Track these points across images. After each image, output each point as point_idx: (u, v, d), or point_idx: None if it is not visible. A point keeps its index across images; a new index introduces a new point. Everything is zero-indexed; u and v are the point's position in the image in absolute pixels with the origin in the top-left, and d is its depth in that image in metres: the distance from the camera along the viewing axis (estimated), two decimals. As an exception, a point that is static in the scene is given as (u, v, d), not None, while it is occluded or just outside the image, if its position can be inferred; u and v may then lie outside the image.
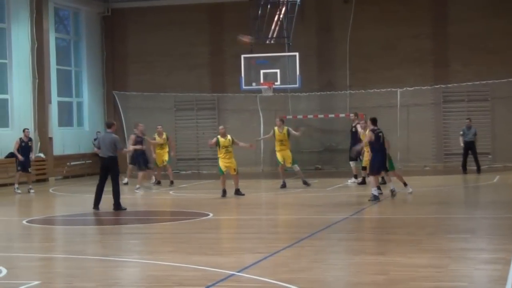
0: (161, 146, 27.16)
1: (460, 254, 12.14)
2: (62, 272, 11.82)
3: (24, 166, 25.91)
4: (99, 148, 20.12)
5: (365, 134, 21.86)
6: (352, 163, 25.94)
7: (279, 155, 25.09)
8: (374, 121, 20.57)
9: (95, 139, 31.27)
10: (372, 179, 20.18)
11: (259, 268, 11.31)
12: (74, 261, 12.50)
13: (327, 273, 11.03)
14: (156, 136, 27.20)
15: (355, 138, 25.10)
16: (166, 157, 27.13)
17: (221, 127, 23.27)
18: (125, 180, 27.63)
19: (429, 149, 33.27)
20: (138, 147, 24.89)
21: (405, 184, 21.39)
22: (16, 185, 25.84)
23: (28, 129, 26.75)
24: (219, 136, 22.33)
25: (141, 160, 25.71)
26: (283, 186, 24.78)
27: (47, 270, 11.88)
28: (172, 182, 26.86)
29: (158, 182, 27.26)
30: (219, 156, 22.33)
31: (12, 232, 17.10)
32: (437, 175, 29.82)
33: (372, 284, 10.05)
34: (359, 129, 24.22)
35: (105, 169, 19.84)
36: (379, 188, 20.44)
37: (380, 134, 20.29)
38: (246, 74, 29.18)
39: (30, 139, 26.24)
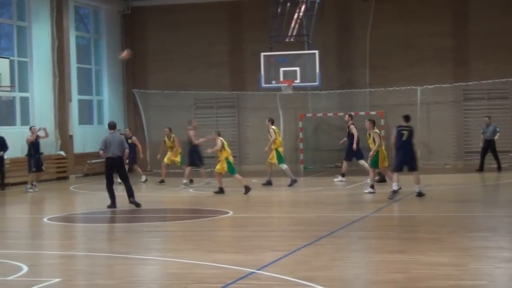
0: (170, 148, 27.17)
1: (481, 253, 12.10)
2: (82, 269, 11.87)
3: (37, 165, 25.97)
4: (103, 149, 19.96)
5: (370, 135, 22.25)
6: (361, 161, 25.97)
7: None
8: (406, 118, 20.77)
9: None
10: (395, 176, 20.29)
11: (279, 266, 11.32)
12: (95, 258, 12.56)
13: (347, 271, 11.03)
14: (165, 139, 27.26)
15: (351, 138, 25.82)
16: (178, 159, 27.21)
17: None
18: (143, 178, 27.90)
19: (449, 147, 33.13)
20: (200, 141, 25.73)
21: (372, 186, 21.65)
22: (29, 185, 25.77)
23: (34, 126, 26.77)
24: None
25: (198, 156, 25.92)
26: (269, 182, 25.22)
27: (68, 268, 11.94)
28: (191, 181, 26.88)
29: (162, 181, 27.27)
30: None
31: (33, 229, 17.24)
32: (457, 173, 29.69)
33: (392, 282, 10.03)
34: (353, 129, 25.60)
35: (112, 168, 19.91)
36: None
37: (404, 132, 20.37)
38: (265, 72, 29.17)
39: (37, 137, 26.28)
